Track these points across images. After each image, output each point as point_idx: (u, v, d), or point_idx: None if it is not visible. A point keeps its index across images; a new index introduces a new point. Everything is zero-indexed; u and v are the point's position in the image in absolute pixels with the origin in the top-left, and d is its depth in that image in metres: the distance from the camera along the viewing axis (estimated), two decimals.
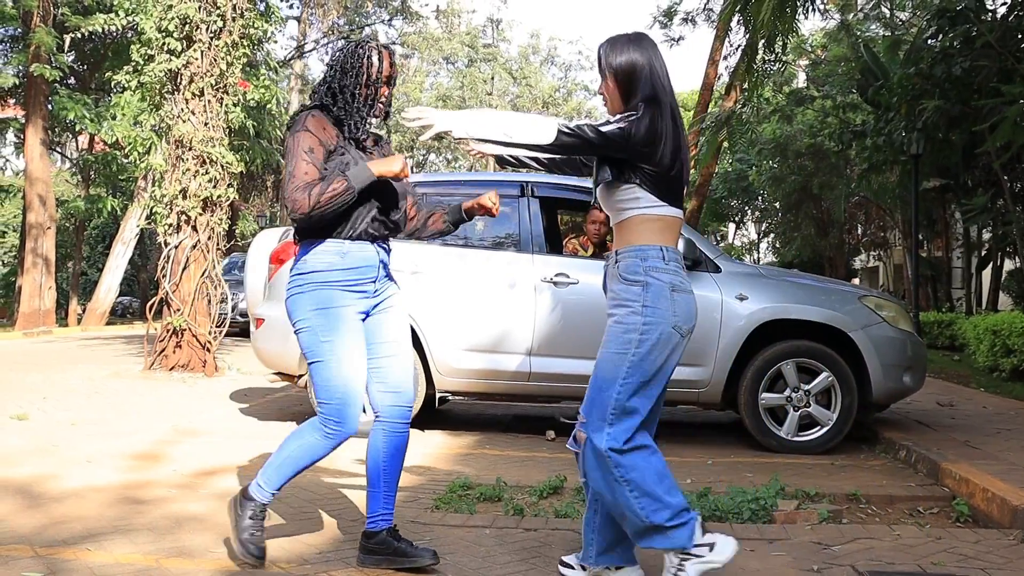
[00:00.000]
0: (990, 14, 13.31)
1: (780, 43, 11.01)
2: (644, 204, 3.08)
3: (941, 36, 13.54)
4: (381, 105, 3.45)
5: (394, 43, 35.45)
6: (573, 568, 3.34)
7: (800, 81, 30.76)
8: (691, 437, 7.06)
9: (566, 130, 2.98)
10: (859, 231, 32.27)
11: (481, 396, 6.87)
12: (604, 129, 2.99)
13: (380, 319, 3.47)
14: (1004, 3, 12.93)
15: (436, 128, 3.11)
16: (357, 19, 33.71)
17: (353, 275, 3.35)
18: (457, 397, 6.87)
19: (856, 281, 35.18)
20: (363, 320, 3.42)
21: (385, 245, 3.48)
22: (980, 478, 4.86)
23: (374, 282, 3.42)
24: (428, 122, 3.11)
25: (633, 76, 3.08)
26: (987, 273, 21.68)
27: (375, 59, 3.39)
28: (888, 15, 23.80)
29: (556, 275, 6.48)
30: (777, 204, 33.88)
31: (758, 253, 47.19)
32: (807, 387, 6.32)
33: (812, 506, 4.70)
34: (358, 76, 3.37)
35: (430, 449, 6.09)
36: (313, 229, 3.32)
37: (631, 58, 3.08)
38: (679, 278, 3.08)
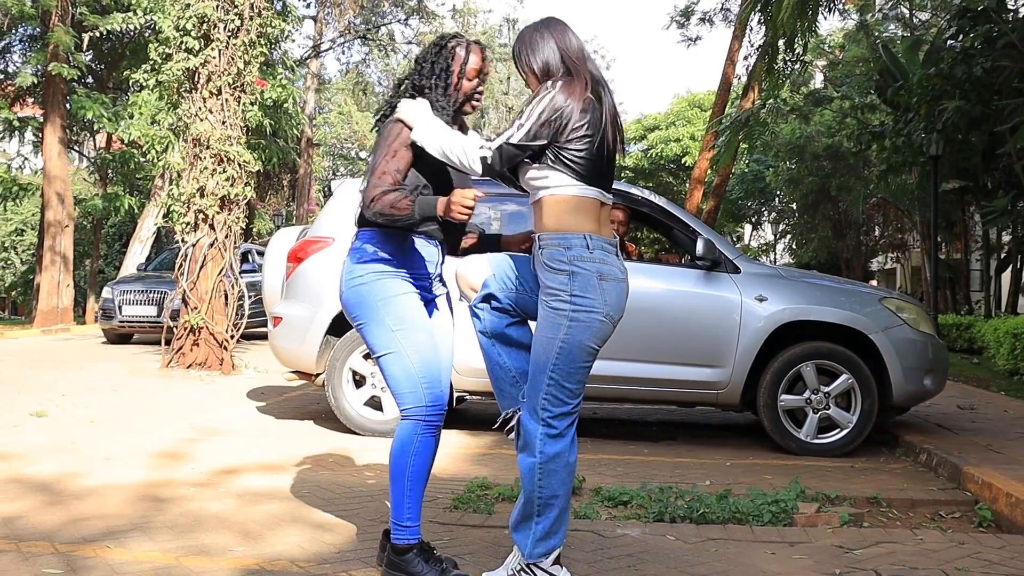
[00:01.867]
0: (1012, 14, 13.20)
1: (801, 43, 10.93)
2: (555, 183, 3.05)
3: (962, 36, 13.43)
4: (475, 102, 3.39)
5: (410, 42, 35.50)
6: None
7: (817, 82, 30.63)
8: (709, 439, 7.02)
9: (488, 156, 2.98)
10: (876, 233, 32.07)
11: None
12: (517, 140, 2.97)
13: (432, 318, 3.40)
14: None
15: (407, 123, 3.17)
16: (373, 19, 33.75)
17: (414, 267, 3.28)
18: (475, 396, 6.85)
19: (873, 283, 34.99)
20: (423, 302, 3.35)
21: (444, 246, 3.40)
22: (1003, 483, 4.81)
23: (430, 278, 3.36)
24: (406, 116, 3.16)
25: (550, 69, 3.09)
26: (1006, 276, 21.52)
27: (462, 53, 3.33)
28: (907, 15, 23.65)
29: None
30: (794, 205, 33.72)
31: (774, 254, 47.01)
32: (827, 389, 6.28)
33: (833, 509, 4.66)
34: (448, 70, 3.31)
35: (448, 449, 6.08)
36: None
37: (545, 57, 3.10)
38: (607, 266, 3.05)
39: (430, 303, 3.41)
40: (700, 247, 6.36)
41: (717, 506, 4.42)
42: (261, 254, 15.77)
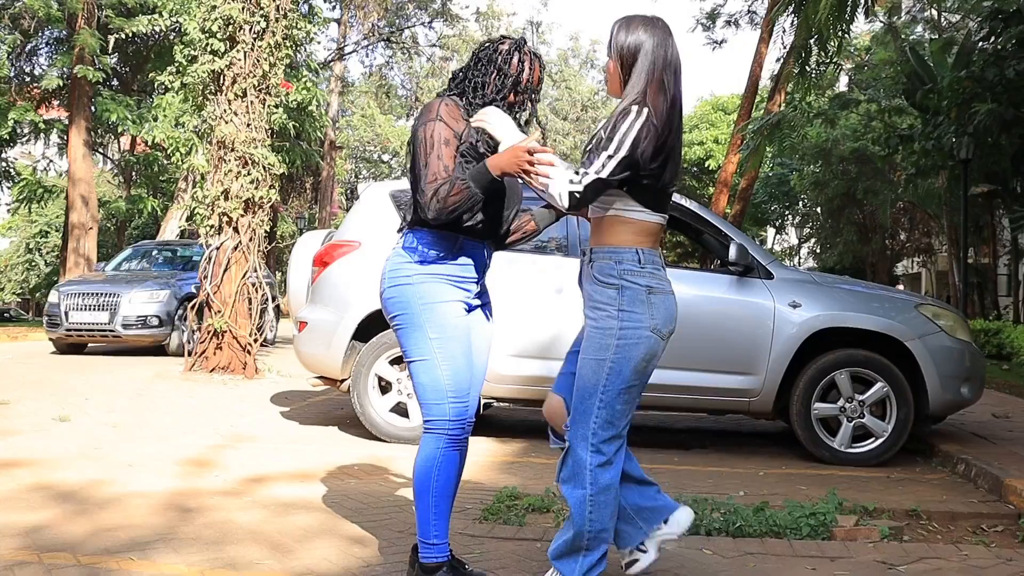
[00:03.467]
0: None
1: (835, 44, 10.79)
2: (623, 206, 2.96)
3: (994, 38, 13.26)
4: (517, 113, 3.26)
5: (434, 45, 35.49)
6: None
7: (842, 84, 30.42)
8: (740, 446, 6.91)
9: (579, 192, 2.83)
10: (902, 237, 31.81)
11: (526, 403, 6.76)
12: (607, 174, 2.82)
13: (471, 327, 3.29)
14: None
15: (492, 134, 3.02)
16: (397, 21, 33.75)
17: (461, 271, 3.18)
18: (502, 403, 6.76)
19: (900, 287, 34.72)
20: (467, 312, 3.25)
21: (491, 248, 3.31)
22: None
23: (476, 283, 3.26)
24: (488, 126, 3.02)
25: (637, 60, 2.93)
26: None
27: (524, 64, 3.20)
28: (936, 17, 23.42)
29: None
30: (819, 209, 33.49)
31: (798, 258, 46.73)
32: (861, 397, 6.15)
33: (872, 522, 4.53)
34: (505, 76, 3.18)
35: (475, 457, 5.98)
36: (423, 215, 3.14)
37: (639, 40, 2.94)
38: (656, 279, 2.96)
39: (472, 311, 3.31)
40: (733, 252, 6.24)
41: (754, 519, 4.31)
42: None
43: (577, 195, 2.83)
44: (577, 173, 2.84)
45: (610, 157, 2.82)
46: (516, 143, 2.94)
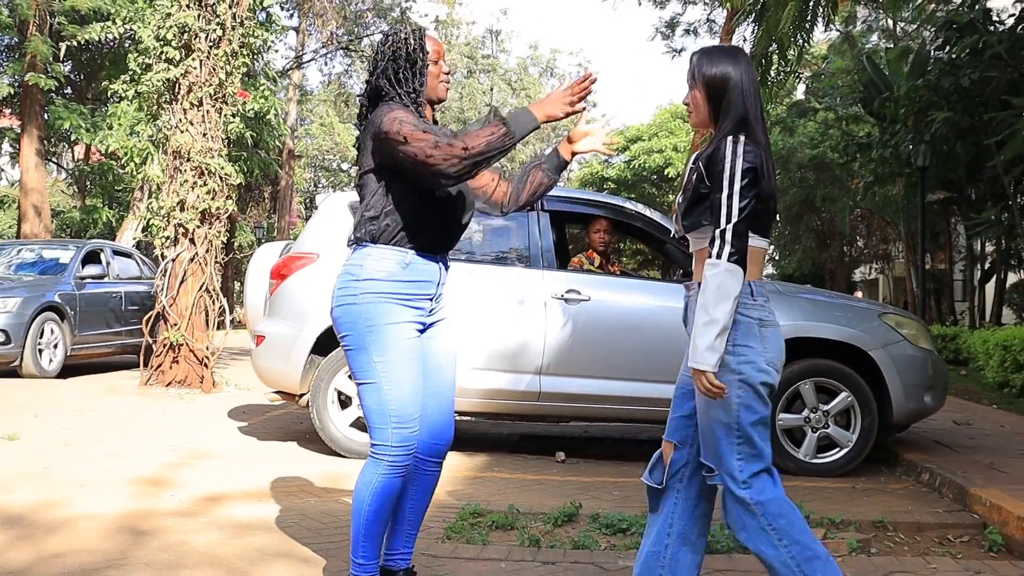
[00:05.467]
0: (998, 25, 13.18)
1: (795, 53, 10.84)
2: None
3: (949, 47, 13.42)
4: (446, 84, 3.23)
5: None
6: None
7: (800, 93, 30.68)
8: None
9: (734, 253, 2.71)
10: (860, 243, 32.15)
11: (488, 416, 6.67)
12: (737, 220, 2.72)
13: (429, 345, 3.22)
14: (1012, 15, 12.80)
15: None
16: (356, 30, 33.60)
17: (413, 288, 3.09)
18: (466, 417, 6.66)
19: (858, 294, 35.04)
20: (419, 332, 3.16)
21: (446, 260, 3.23)
22: (1013, 505, 4.66)
23: (431, 300, 3.17)
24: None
25: (725, 90, 2.88)
26: (990, 286, 21.52)
27: (414, 42, 3.15)
28: (892, 26, 23.69)
29: (567, 291, 6.29)
30: (778, 216, 33.69)
31: (769, 265, 47.10)
32: (826, 407, 6.14)
33: (839, 535, 4.50)
34: (411, 60, 3.13)
35: None
36: (376, 232, 3.06)
37: (725, 71, 2.89)
38: (766, 312, 2.87)
39: (428, 328, 3.22)
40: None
41: (721, 535, 4.25)
42: (121, 254, 13.76)
43: (734, 254, 2.72)
44: (711, 248, 2.74)
45: (730, 197, 2.75)
46: (555, 91, 2.94)
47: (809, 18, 9.60)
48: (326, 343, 6.35)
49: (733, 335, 2.80)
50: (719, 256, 2.71)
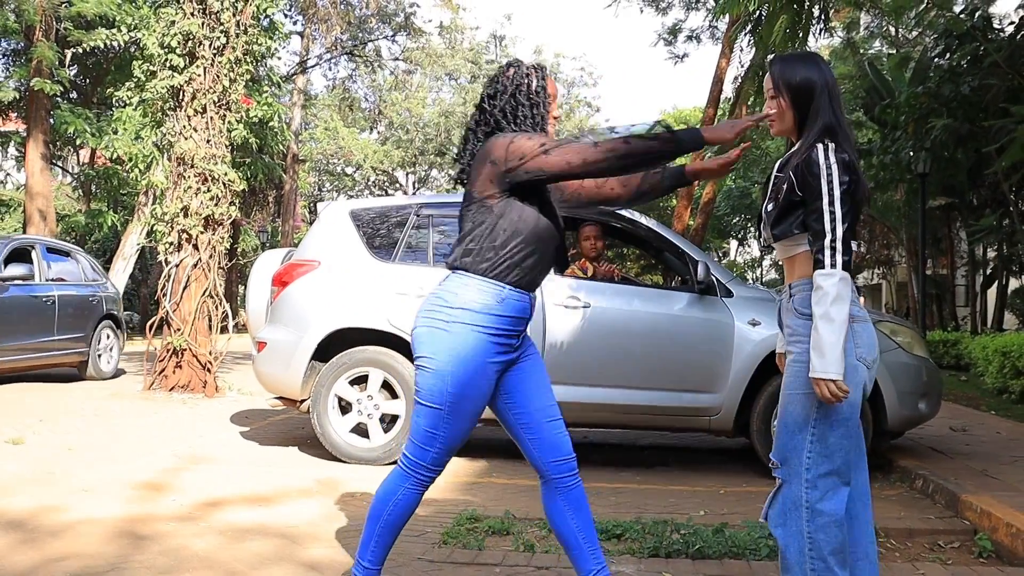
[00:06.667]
0: (998, 33, 13.24)
1: None
2: None
3: (949, 55, 13.48)
4: (552, 129, 3.24)
5: (397, 59, 35.44)
6: None
7: None
8: (701, 463, 6.93)
9: (845, 260, 2.74)
10: (863, 249, 32.17)
11: (487, 422, 6.72)
12: (843, 233, 2.74)
13: (526, 380, 3.21)
14: (1012, 22, 12.86)
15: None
16: (360, 35, 33.67)
17: (504, 324, 3.05)
18: None
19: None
20: (498, 373, 3.13)
21: (535, 298, 3.21)
22: (1003, 512, 4.72)
23: (518, 335, 3.14)
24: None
25: (811, 96, 2.90)
26: (992, 292, 21.58)
27: (535, 80, 3.19)
28: (893, 33, 23.74)
29: (567, 299, 6.35)
30: None
31: (760, 269, 47.08)
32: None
33: None
34: (530, 101, 3.16)
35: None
36: (474, 263, 3.05)
37: (809, 76, 2.91)
38: (857, 307, 2.86)
39: (523, 368, 3.22)
40: (695, 271, 6.29)
41: (713, 540, 4.31)
42: (58, 252, 12.14)
43: (847, 262, 2.75)
44: (821, 257, 2.75)
45: (831, 204, 2.77)
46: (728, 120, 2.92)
47: (802, 31, 9.67)
48: (327, 349, 6.43)
49: None
50: (833, 266, 2.72)
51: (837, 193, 2.76)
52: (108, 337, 12.24)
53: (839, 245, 2.73)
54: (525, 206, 3.06)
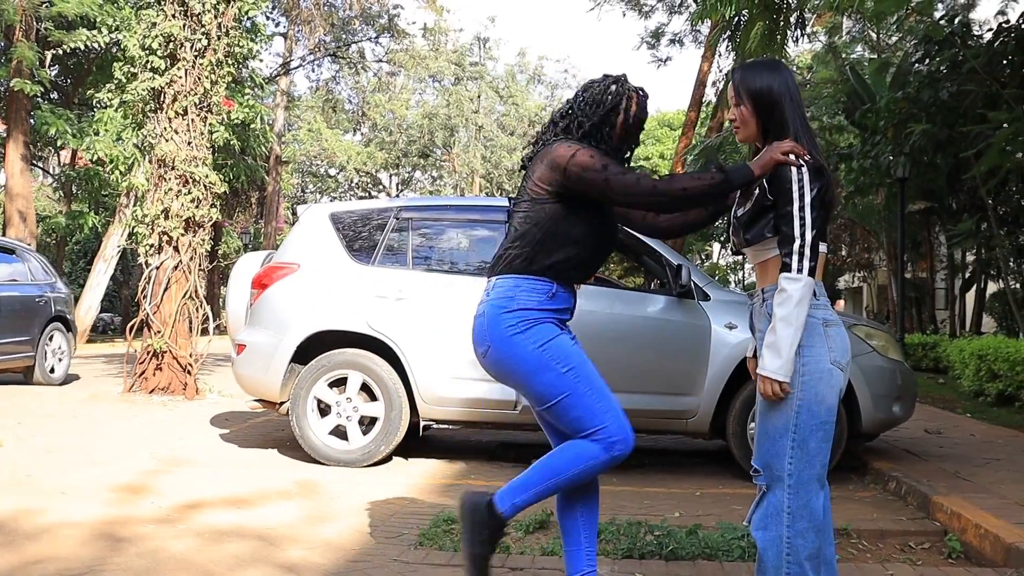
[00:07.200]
0: (977, 40, 13.36)
1: None
2: None
3: (928, 61, 13.59)
4: (631, 151, 3.33)
5: (380, 61, 35.44)
6: None
7: None
8: (677, 466, 6.98)
9: (810, 270, 2.79)
10: (844, 252, 32.36)
11: (466, 425, 6.76)
12: (811, 240, 2.79)
13: None
14: (990, 29, 12.98)
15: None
16: (344, 36, 33.68)
17: (559, 314, 3.17)
18: (441, 425, 6.76)
19: (841, 302, 35.24)
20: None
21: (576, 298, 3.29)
22: (972, 513, 4.79)
23: (567, 321, 3.24)
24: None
25: (772, 102, 2.94)
26: (971, 295, 21.74)
27: (634, 103, 3.25)
28: (875, 38, 23.91)
29: None
30: None
31: (742, 272, 47.25)
32: None
33: None
34: (617, 115, 3.22)
35: (414, 479, 5.99)
36: (524, 265, 3.12)
37: (770, 84, 2.95)
38: (828, 311, 2.90)
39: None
40: (672, 275, 6.35)
41: (687, 541, 4.36)
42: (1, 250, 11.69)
43: (813, 267, 2.79)
44: (789, 261, 2.80)
45: (802, 210, 2.81)
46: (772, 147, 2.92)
47: (779, 37, 9.74)
48: (306, 352, 6.45)
49: None
50: (800, 271, 2.77)
51: (808, 198, 2.80)
52: (56, 340, 11.64)
53: (807, 251, 2.78)
54: (578, 210, 3.14)
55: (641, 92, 3.30)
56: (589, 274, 3.28)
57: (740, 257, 45.45)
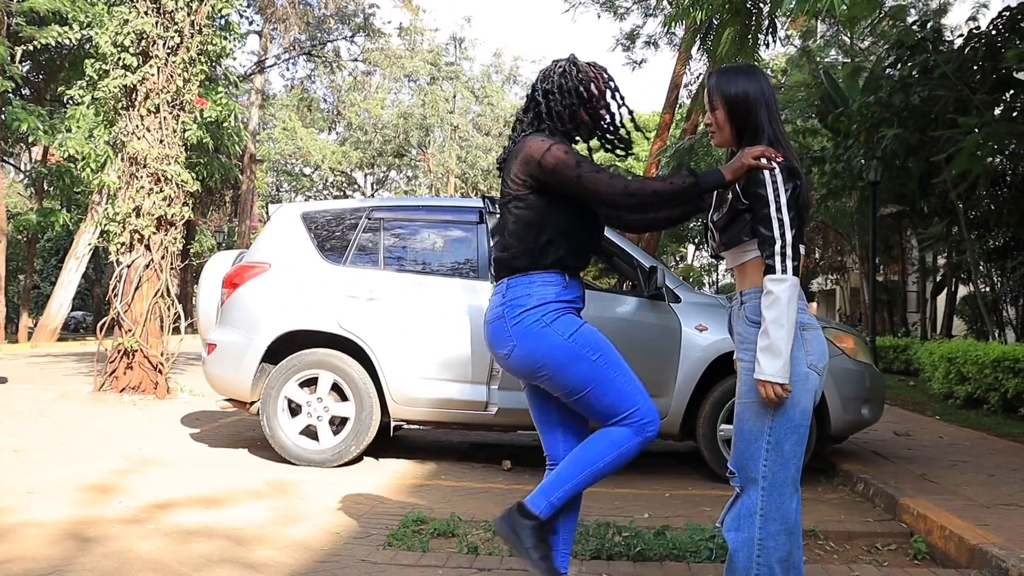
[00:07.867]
0: (948, 45, 13.49)
1: None
2: None
3: (900, 65, 13.70)
4: (608, 125, 3.36)
5: (356, 59, 35.35)
6: None
7: None
8: (647, 467, 7.00)
9: (795, 271, 2.81)
10: (816, 255, 32.58)
11: (437, 425, 6.76)
12: (792, 241, 2.81)
13: None
14: (961, 35, 13.10)
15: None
16: (319, 35, 33.56)
17: (574, 303, 3.20)
18: (411, 425, 6.75)
19: (814, 305, 35.48)
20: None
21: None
22: (937, 514, 4.85)
23: (581, 308, 3.27)
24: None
25: (747, 107, 2.96)
26: (942, 298, 21.96)
27: (592, 75, 3.28)
28: (848, 42, 24.08)
29: None
30: None
31: (716, 274, 47.48)
32: None
33: None
34: (579, 96, 3.26)
35: (384, 479, 5.98)
36: (532, 261, 3.14)
37: (745, 89, 2.96)
38: (805, 316, 2.91)
39: None
40: (643, 276, 6.37)
41: (655, 542, 4.38)
42: None
43: (796, 267, 2.82)
44: (772, 263, 2.81)
45: (783, 225, 2.82)
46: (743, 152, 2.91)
47: (751, 41, 9.80)
48: (277, 351, 6.43)
49: None
50: (784, 271, 2.79)
51: (784, 200, 2.82)
52: None
53: (789, 251, 2.80)
54: (561, 200, 3.16)
55: (601, 69, 3.35)
56: (588, 260, 3.31)
57: (715, 259, 45.71)
